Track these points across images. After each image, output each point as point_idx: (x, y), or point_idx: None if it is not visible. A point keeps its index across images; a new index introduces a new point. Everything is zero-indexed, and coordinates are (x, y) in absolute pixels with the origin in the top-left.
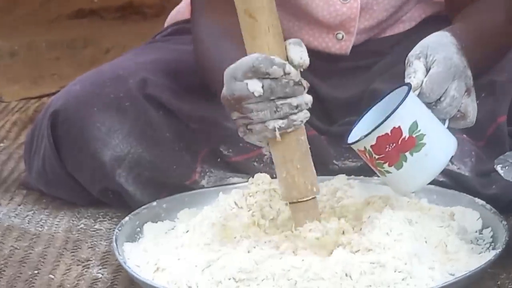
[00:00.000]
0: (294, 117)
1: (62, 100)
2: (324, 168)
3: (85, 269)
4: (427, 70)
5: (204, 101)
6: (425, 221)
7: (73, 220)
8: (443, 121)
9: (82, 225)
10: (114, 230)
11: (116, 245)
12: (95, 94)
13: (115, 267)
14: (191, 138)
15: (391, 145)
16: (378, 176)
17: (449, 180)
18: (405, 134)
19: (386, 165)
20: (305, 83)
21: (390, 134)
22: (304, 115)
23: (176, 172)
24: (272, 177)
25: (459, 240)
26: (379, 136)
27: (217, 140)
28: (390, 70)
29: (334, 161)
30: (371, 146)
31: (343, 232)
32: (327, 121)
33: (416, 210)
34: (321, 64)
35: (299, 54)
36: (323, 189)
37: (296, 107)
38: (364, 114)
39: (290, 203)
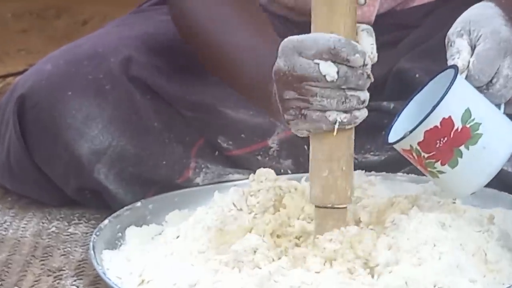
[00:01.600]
0: (357, 113)
1: (30, 82)
2: None
3: (57, 280)
4: (473, 49)
5: (199, 84)
6: (460, 225)
7: (43, 223)
8: (497, 106)
9: (53, 229)
10: (91, 235)
11: (94, 252)
12: (70, 75)
13: (92, 278)
14: (183, 128)
15: (442, 139)
16: (403, 173)
17: None
18: (458, 124)
19: (438, 164)
20: (372, 77)
21: (440, 126)
22: (364, 113)
23: (166, 168)
24: (277, 173)
25: (500, 248)
26: (427, 131)
27: (214, 130)
28: (419, 47)
29: (354, 155)
30: (419, 143)
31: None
32: None
33: (449, 212)
34: None
35: (371, 47)
36: None
37: (363, 102)
38: (404, 108)
39: (319, 207)
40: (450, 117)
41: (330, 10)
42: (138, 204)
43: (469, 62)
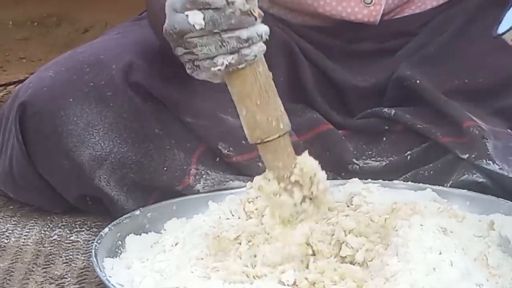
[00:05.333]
0: (246, 51)
1: (31, 89)
2: (342, 168)
3: None
4: None
5: (200, 90)
6: (461, 230)
7: (45, 230)
8: None
9: (55, 236)
10: (93, 243)
11: (97, 260)
12: (71, 82)
13: (94, 286)
14: (184, 134)
15: None
16: (405, 178)
17: (489, 181)
18: None
19: None
20: (257, 12)
21: None
22: (259, 48)
23: (167, 175)
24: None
25: (501, 253)
26: None
27: (215, 137)
28: (419, 53)
29: (355, 160)
30: None
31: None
32: (346, 112)
33: (449, 217)
34: (336, 44)
35: None
36: (337, 195)
37: (246, 40)
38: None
39: (257, 144)
40: None
41: None
42: (137, 212)
43: None
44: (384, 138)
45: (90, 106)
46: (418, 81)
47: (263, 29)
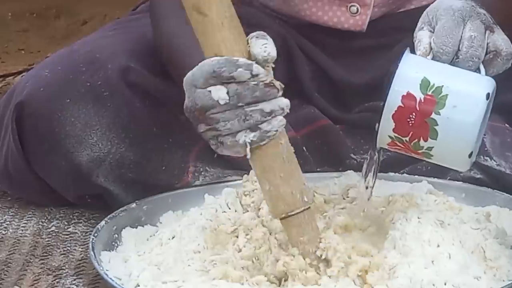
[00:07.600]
0: (267, 127)
1: (28, 89)
2: (340, 163)
3: (57, 279)
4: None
5: None
6: (458, 223)
7: (42, 222)
8: (478, 71)
9: (53, 228)
10: (90, 234)
11: (94, 254)
12: (68, 82)
13: (92, 277)
14: (182, 132)
15: (411, 116)
16: (402, 172)
17: (487, 178)
18: (419, 96)
19: (422, 142)
20: (278, 84)
21: (403, 105)
22: (279, 122)
23: (166, 173)
24: None
25: (498, 245)
26: (393, 114)
27: None
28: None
29: (352, 155)
30: (394, 130)
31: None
32: (343, 108)
33: (445, 210)
34: (333, 42)
35: (262, 48)
36: (332, 188)
37: (270, 113)
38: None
39: (280, 219)
40: (408, 92)
41: (204, 34)
42: (133, 205)
43: (430, 43)
44: None
45: (87, 107)
46: None
47: (284, 102)
